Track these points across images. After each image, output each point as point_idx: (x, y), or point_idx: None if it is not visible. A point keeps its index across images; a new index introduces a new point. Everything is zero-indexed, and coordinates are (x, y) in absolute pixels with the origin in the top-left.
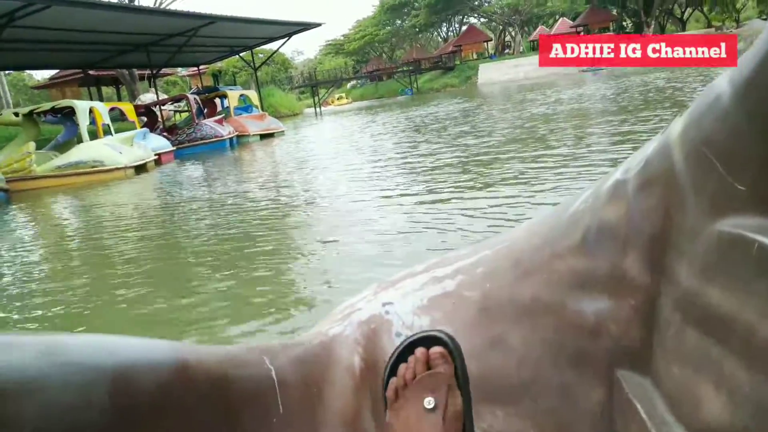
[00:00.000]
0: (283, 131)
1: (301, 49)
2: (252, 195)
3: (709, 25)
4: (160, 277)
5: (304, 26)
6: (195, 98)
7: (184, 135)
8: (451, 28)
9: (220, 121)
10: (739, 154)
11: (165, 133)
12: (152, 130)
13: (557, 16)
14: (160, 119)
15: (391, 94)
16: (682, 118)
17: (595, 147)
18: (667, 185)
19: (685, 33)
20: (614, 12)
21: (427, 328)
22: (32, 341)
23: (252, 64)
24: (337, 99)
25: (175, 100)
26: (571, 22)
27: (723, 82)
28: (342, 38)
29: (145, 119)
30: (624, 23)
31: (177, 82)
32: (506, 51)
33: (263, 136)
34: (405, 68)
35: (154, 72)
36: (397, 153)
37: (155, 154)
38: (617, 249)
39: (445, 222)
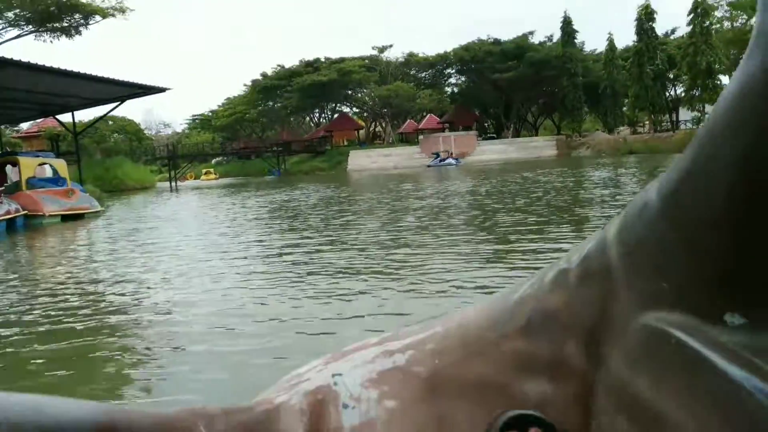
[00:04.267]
0: (97, 211)
1: (168, 122)
2: None
3: (559, 133)
4: None
5: (142, 89)
6: None
7: None
8: (323, 115)
9: None
10: (664, 258)
11: None
12: None
13: (425, 113)
14: None
15: (258, 173)
16: (618, 219)
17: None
18: (603, 279)
19: (537, 137)
20: (477, 113)
21: (374, 400)
22: None
23: (73, 128)
24: (204, 174)
25: None
26: (438, 119)
27: (652, 190)
28: (210, 114)
29: None
30: (486, 124)
31: (10, 142)
32: (376, 141)
33: (67, 217)
34: (274, 149)
35: None
36: (241, 253)
37: None
38: (558, 335)
39: None
